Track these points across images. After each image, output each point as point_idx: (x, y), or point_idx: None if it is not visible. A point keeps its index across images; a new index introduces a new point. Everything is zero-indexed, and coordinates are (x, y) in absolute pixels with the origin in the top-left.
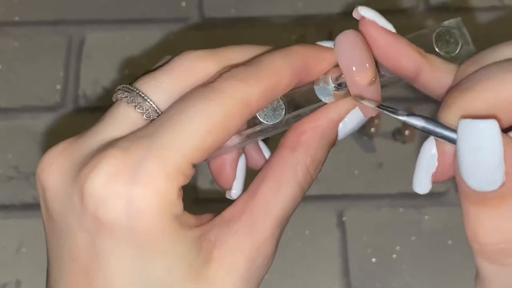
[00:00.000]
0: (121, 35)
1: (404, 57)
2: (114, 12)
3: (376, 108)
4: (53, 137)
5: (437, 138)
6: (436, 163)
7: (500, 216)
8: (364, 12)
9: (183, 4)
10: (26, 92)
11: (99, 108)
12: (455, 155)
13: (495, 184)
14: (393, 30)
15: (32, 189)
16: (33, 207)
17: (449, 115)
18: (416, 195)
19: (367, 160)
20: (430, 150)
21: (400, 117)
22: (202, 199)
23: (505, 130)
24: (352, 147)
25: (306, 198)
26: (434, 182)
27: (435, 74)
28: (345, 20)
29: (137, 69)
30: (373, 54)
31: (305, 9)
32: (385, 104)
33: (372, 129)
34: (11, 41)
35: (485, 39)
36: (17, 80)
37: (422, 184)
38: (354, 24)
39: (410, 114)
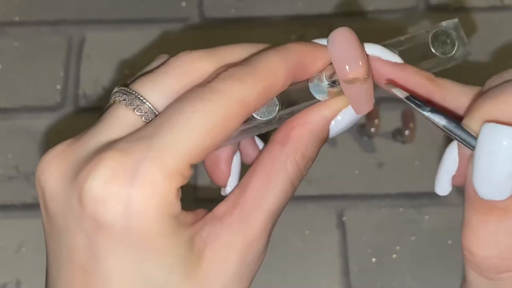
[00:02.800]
0: (121, 35)
1: (413, 87)
2: (114, 12)
3: (404, 99)
4: (53, 137)
5: (456, 139)
6: (456, 166)
7: (499, 229)
8: (367, 49)
9: (183, 4)
10: (26, 92)
11: (99, 108)
12: (471, 158)
13: (503, 194)
14: (399, 60)
15: (32, 189)
16: (33, 207)
17: (470, 121)
18: (416, 195)
19: (367, 160)
20: (452, 154)
21: (424, 112)
22: (202, 199)
23: None
24: (352, 147)
25: (306, 198)
26: (454, 185)
27: (446, 98)
28: (345, 20)
29: (137, 69)
30: (382, 86)
31: (305, 9)
32: (416, 97)
33: (372, 129)
34: (11, 41)
35: (485, 39)
36: (17, 80)
37: (442, 185)
38: (354, 24)
39: (434, 111)
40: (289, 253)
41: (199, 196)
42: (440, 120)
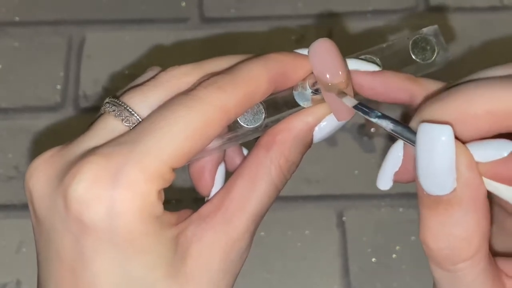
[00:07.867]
0: (121, 35)
1: (395, 91)
2: (114, 12)
3: (352, 107)
4: (53, 137)
5: (404, 141)
6: (400, 164)
7: (446, 222)
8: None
9: (183, 4)
10: (26, 92)
11: (99, 108)
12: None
13: (445, 189)
14: (377, 69)
15: None
16: None
17: (418, 121)
18: (416, 195)
19: (367, 160)
20: (397, 152)
21: (371, 119)
22: (202, 199)
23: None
24: (352, 147)
25: (306, 198)
26: (395, 181)
27: (428, 96)
28: (345, 20)
29: (137, 69)
30: (366, 95)
31: (305, 9)
32: (364, 104)
33: (372, 129)
34: (11, 41)
35: (485, 39)
36: (17, 80)
37: (384, 180)
38: (354, 25)
39: (381, 116)
40: (289, 253)
41: (199, 197)
42: (388, 125)
